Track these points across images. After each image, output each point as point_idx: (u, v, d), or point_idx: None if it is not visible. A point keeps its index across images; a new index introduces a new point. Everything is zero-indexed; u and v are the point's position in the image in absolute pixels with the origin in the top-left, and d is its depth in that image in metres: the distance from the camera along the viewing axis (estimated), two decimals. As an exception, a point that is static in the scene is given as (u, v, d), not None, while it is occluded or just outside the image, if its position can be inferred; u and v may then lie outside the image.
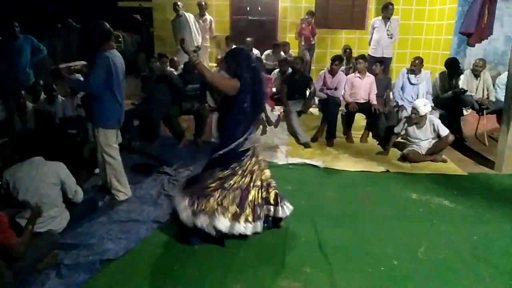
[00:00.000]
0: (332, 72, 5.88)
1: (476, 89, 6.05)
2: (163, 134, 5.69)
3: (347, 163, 4.99)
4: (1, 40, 5.70)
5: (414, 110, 5.00)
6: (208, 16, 8.07)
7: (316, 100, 6.20)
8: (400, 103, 5.93)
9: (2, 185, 3.00)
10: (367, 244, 3.12)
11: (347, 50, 8.01)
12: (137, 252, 2.97)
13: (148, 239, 3.15)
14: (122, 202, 3.73)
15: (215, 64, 8.34)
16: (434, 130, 5.06)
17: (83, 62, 3.80)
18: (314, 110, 6.31)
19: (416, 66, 5.77)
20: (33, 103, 5.47)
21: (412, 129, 5.13)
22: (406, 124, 5.17)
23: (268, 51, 8.08)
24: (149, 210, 3.60)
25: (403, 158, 5.08)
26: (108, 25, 3.50)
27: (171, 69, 6.33)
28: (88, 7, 12.30)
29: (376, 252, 3.01)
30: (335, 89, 5.85)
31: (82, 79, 3.85)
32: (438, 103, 5.99)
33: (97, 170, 4.03)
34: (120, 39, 11.45)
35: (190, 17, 7.56)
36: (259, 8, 9.13)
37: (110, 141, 3.66)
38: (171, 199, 3.76)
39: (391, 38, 7.16)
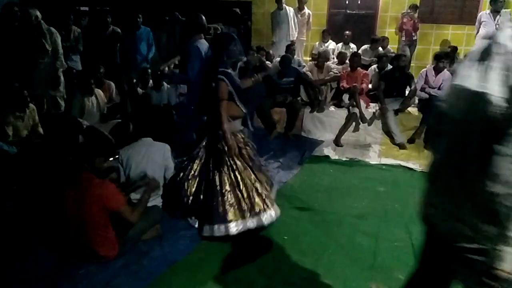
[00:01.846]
0: (437, 70, 5.48)
1: None
2: (256, 125, 5.83)
3: (447, 169, 4.64)
4: (127, 30, 6.35)
5: None
6: (306, 10, 8.03)
7: (416, 99, 5.85)
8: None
9: (116, 162, 3.36)
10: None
11: (450, 48, 7.41)
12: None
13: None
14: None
15: (309, 58, 8.30)
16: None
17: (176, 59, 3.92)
18: (413, 110, 5.95)
19: None
20: (142, 89, 5.98)
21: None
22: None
23: (365, 46, 7.79)
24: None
25: None
26: (203, 18, 3.62)
27: (267, 62, 6.45)
28: (191, 0, 13.03)
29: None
30: (439, 88, 5.45)
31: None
32: None
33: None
34: (218, 32, 11.98)
35: (290, 11, 7.60)
36: (359, 2, 8.82)
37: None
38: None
39: None
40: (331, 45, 8.10)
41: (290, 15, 7.53)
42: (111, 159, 3.64)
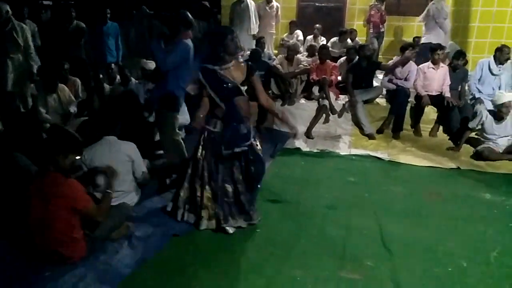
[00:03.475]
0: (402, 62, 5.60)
1: None
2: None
3: (414, 157, 4.77)
4: (92, 25, 6.19)
5: (507, 103, 4.57)
6: (274, 3, 8.02)
7: (384, 90, 5.96)
8: (477, 95, 5.53)
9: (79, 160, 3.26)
10: (433, 243, 2.98)
11: (416, 39, 7.61)
12: (201, 231, 3.10)
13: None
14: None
15: (276, 51, 8.33)
16: (515, 127, 4.67)
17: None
18: (381, 101, 6.07)
19: (506, 55, 5.34)
20: (109, 84, 5.83)
21: (490, 124, 4.76)
22: (483, 119, 4.80)
23: (334, 39, 7.89)
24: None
25: (477, 156, 4.74)
26: (190, 16, 3.64)
27: (237, 55, 6.40)
28: (160, -6, 12.78)
29: (443, 251, 2.88)
30: (405, 79, 5.58)
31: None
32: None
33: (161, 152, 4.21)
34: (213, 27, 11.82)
35: (252, 4, 7.56)
36: (327, -5, 8.91)
37: (176, 124, 3.84)
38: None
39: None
40: (299, 36, 8.14)
41: (252, 9, 7.49)
42: (77, 157, 3.53)
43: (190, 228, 3.08)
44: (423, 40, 7.23)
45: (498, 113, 4.69)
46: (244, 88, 3.09)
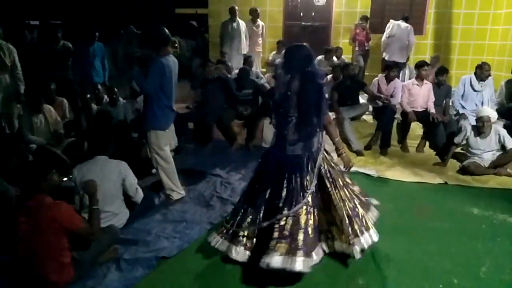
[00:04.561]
0: (388, 79, 5.71)
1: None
2: (216, 137, 5.81)
3: (401, 173, 4.82)
4: (79, 45, 6.15)
5: (485, 117, 4.69)
6: (260, 22, 8.16)
7: (371, 107, 6.05)
8: (461, 111, 5.65)
9: (70, 182, 3.22)
10: (423, 259, 2.99)
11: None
12: (189, 251, 3.06)
13: (200, 239, 3.23)
14: (176, 202, 3.86)
15: (264, 69, 8.42)
16: (499, 141, 4.76)
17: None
18: (368, 118, 6.15)
19: (486, 72, 5.49)
20: (97, 105, 5.81)
21: (475, 140, 4.85)
22: (468, 134, 4.89)
23: (320, 57, 8.01)
24: (202, 211, 3.71)
25: (463, 170, 4.81)
26: (167, 31, 3.61)
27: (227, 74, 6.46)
28: (147, 14, 12.91)
29: (433, 267, 2.88)
30: (391, 96, 5.68)
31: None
32: (503, 112, 5.62)
33: (154, 170, 4.19)
34: (176, 45, 11.88)
35: (243, 24, 7.69)
36: (313, 14, 9.09)
37: (161, 143, 3.75)
38: (222, 201, 3.87)
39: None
40: (287, 56, 8.24)
41: (242, 29, 7.62)
42: (65, 179, 3.49)
43: (180, 250, 3.04)
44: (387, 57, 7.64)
45: (479, 128, 4.79)
46: None
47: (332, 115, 5.86)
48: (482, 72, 5.55)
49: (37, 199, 2.43)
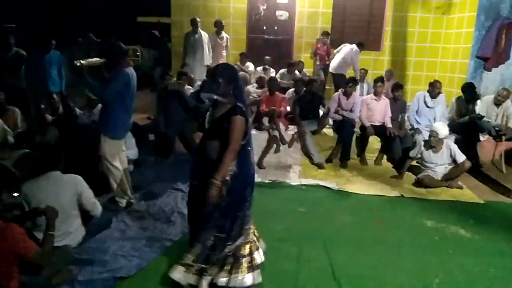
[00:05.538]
0: (347, 94, 5.88)
1: (496, 117, 5.97)
2: (177, 150, 5.73)
3: (360, 186, 4.96)
4: (34, 52, 5.87)
5: (433, 132, 4.94)
6: (224, 34, 8.19)
7: (331, 121, 6.20)
8: (416, 126, 5.90)
9: (20, 198, 3.04)
10: (381, 274, 3.07)
11: (362, 70, 8.09)
12: (149, 270, 2.97)
13: (160, 257, 3.15)
14: (135, 219, 3.75)
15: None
16: (451, 155, 5.01)
17: (101, 60, 3.79)
18: (328, 131, 6.30)
19: (437, 89, 5.78)
20: (52, 115, 5.57)
21: (428, 154, 5.08)
22: (422, 148, 5.12)
23: (283, 70, 8.13)
24: (162, 228, 3.62)
25: (418, 183, 5.02)
26: (122, 45, 3.65)
27: (188, 86, 6.40)
28: (108, 22, 12.61)
29: (389, 281, 2.97)
30: (351, 110, 5.85)
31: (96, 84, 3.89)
32: (454, 127, 5.93)
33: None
34: (138, 53, 11.69)
35: (205, 36, 7.69)
36: (275, 28, 9.24)
37: (114, 151, 3.79)
38: (183, 216, 3.79)
39: None
40: (250, 67, 8.32)
41: (205, 40, 7.63)
42: (15, 194, 3.29)
43: (138, 269, 2.94)
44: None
45: (430, 142, 5.02)
46: None
47: (294, 127, 5.97)
48: (433, 89, 5.83)
49: (-15, 221, 2.27)
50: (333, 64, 8.19)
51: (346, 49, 8.12)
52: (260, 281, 2.69)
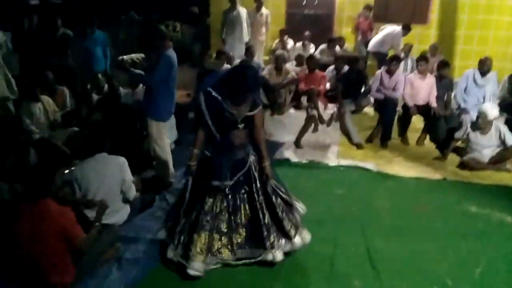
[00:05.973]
0: (390, 72, 5.66)
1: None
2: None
3: (401, 168, 4.83)
4: (79, 32, 6.02)
5: (482, 114, 4.69)
6: (264, 11, 8.02)
7: (372, 99, 6.03)
8: (463, 106, 5.62)
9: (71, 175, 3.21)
10: (419, 260, 3.03)
11: (406, 46, 7.73)
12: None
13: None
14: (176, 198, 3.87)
15: (267, 58, 8.36)
16: (500, 137, 4.76)
17: (142, 55, 3.96)
18: (369, 110, 6.14)
19: (486, 67, 5.44)
20: (97, 94, 5.78)
21: (475, 135, 4.85)
22: (469, 129, 4.88)
23: (323, 46, 7.94)
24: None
25: (463, 165, 4.82)
26: (162, 27, 3.76)
27: (227, 65, 6.41)
28: (149, -1, 12.69)
29: (429, 269, 2.93)
30: (393, 89, 5.64)
31: (141, 72, 4.03)
32: (505, 107, 5.59)
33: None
34: (177, 29, 11.74)
35: (244, 12, 7.56)
36: (316, 2, 8.95)
37: (162, 134, 3.89)
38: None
39: None
40: (289, 44, 8.18)
41: (243, 17, 7.49)
42: (66, 171, 3.49)
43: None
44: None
45: (478, 124, 4.78)
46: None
47: (333, 106, 5.85)
48: (484, 66, 5.49)
49: (43, 205, 2.40)
50: (372, 42, 7.85)
51: (388, 29, 7.70)
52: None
